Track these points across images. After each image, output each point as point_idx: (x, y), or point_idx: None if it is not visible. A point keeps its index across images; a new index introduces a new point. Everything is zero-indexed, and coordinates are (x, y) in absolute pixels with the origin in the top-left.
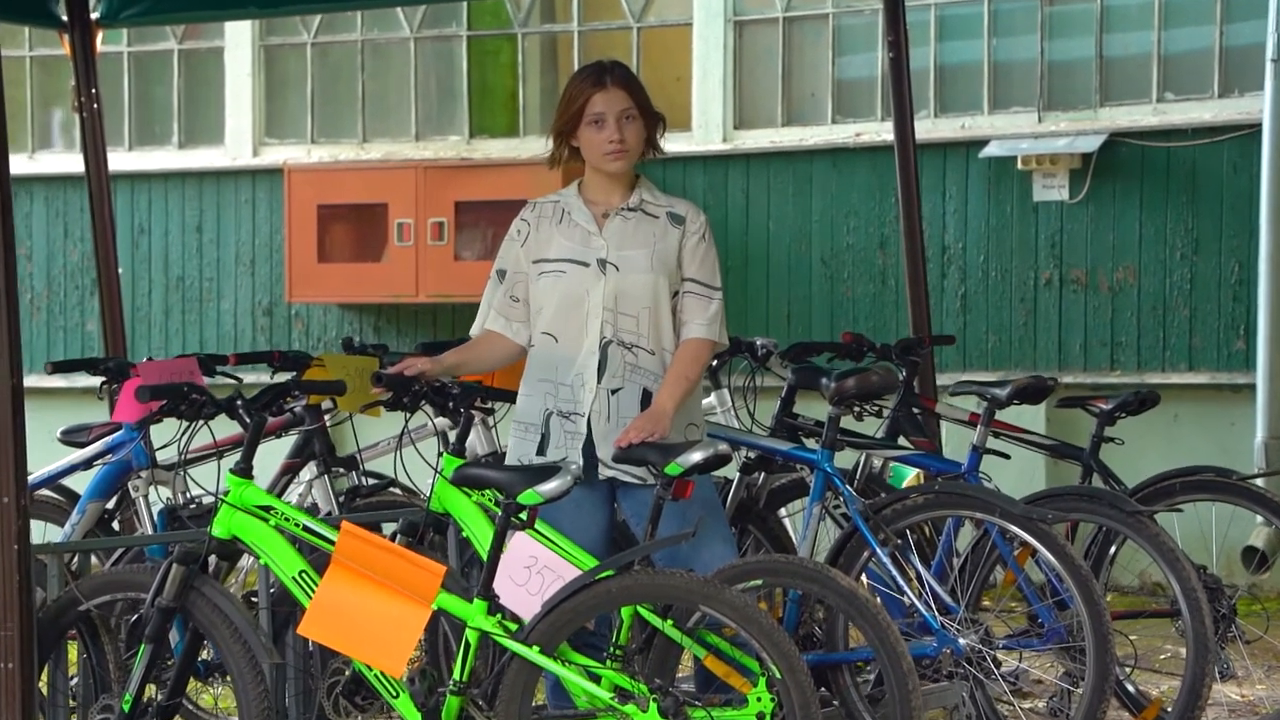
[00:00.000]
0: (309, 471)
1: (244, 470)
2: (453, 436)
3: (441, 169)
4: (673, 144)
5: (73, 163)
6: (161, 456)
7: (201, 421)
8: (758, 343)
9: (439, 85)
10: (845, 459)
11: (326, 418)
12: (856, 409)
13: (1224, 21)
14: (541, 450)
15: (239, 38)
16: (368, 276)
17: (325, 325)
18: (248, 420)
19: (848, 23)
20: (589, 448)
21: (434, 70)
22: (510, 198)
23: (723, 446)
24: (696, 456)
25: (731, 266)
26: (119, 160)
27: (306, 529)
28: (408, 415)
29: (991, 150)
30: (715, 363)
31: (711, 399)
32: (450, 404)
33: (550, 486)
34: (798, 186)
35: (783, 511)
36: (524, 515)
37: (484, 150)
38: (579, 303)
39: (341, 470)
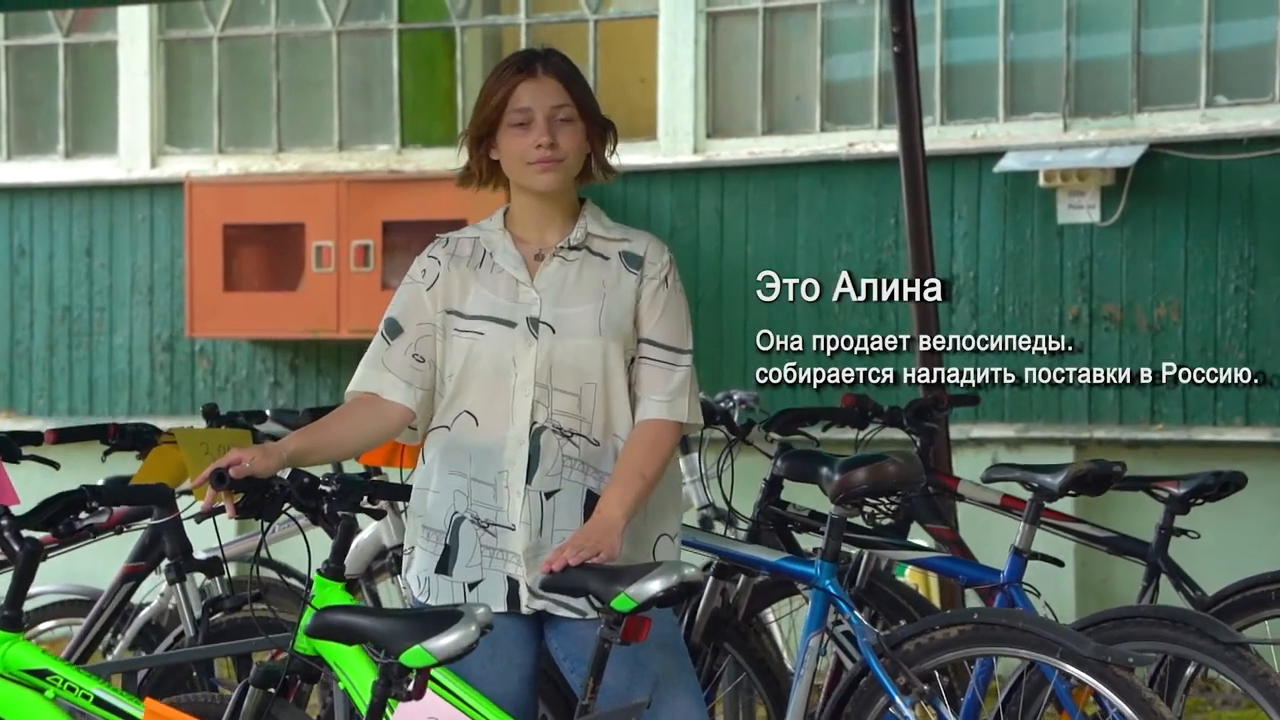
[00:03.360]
0: (159, 578)
1: (10, 620)
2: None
3: (367, 183)
4: (636, 156)
5: None
6: None
7: None
8: (735, 398)
9: (365, 87)
10: None
11: (181, 504)
12: (868, 508)
13: None
14: (444, 567)
15: (135, 30)
16: (282, 307)
17: (234, 364)
18: (15, 548)
19: (839, 15)
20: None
21: (360, 69)
22: (446, 217)
23: (690, 572)
24: (654, 586)
25: (703, 299)
26: None
27: (99, 702)
28: (264, 526)
29: (1009, 164)
30: None
31: (680, 467)
32: (324, 508)
33: (445, 643)
34: (781, 205)
35: (769, 614)
36: (411, 681)
37: (416, 162)
38: (503, 376)
39: (202, 575)
